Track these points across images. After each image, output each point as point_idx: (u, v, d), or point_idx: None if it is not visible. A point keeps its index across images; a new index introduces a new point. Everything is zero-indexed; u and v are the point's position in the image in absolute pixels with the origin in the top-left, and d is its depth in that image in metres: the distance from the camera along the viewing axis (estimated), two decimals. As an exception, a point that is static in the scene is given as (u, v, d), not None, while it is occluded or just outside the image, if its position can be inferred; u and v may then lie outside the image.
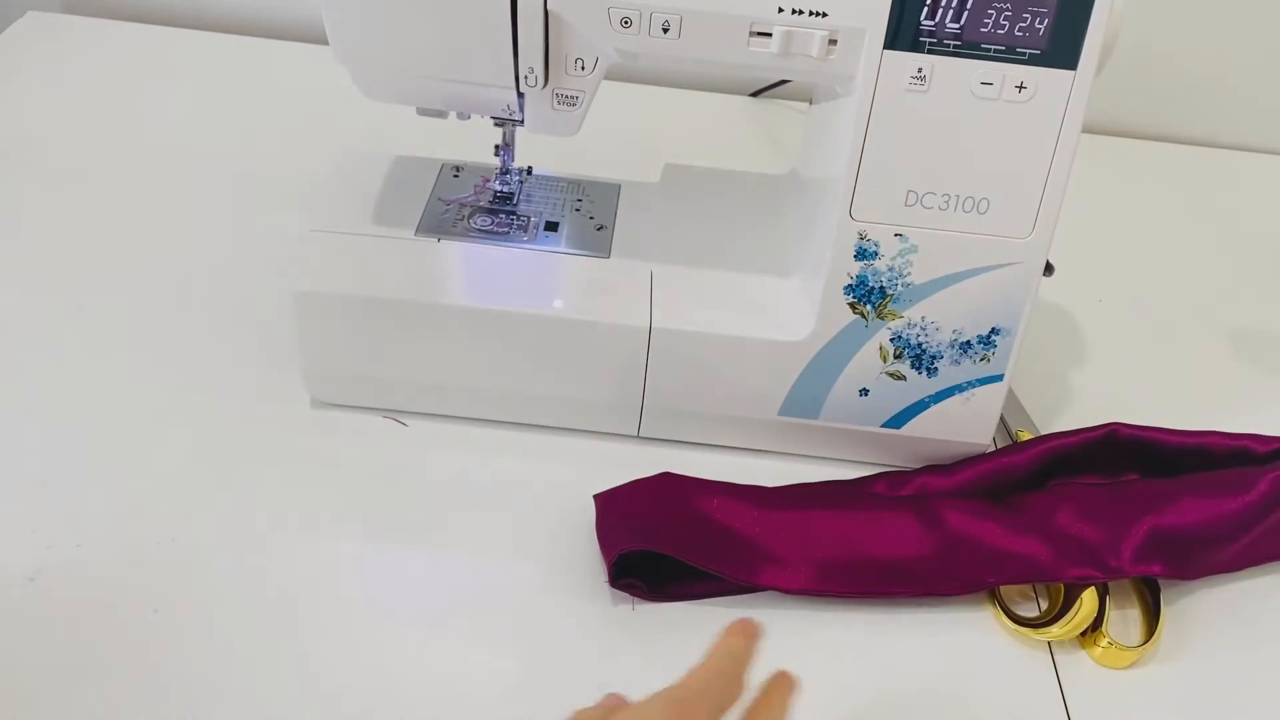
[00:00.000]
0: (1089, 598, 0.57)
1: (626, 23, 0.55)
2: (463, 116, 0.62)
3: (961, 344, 0.61)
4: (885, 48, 0.54)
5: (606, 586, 0.57)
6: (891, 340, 0.61)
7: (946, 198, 0.57)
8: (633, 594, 0.57)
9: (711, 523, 0.59)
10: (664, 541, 0.57)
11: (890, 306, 0.60)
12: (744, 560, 0.58)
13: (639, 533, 0.57)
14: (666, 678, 0.54)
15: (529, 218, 0.67)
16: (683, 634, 0.56)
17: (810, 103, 0.69)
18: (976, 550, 0.59)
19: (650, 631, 0.56)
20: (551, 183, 0.70)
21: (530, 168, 0.71)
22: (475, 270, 0.63)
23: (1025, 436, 0.67)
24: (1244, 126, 1.01)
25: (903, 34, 0.53)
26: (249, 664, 0.52)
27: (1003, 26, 0.53)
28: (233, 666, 0.52)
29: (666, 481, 0.61)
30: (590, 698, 0.53)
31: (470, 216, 0.66)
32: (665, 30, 0.55)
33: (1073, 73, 0.54)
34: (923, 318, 0.60)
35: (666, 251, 0.65)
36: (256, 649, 0.53)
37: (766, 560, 0.58)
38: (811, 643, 0.56)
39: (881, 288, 0.59)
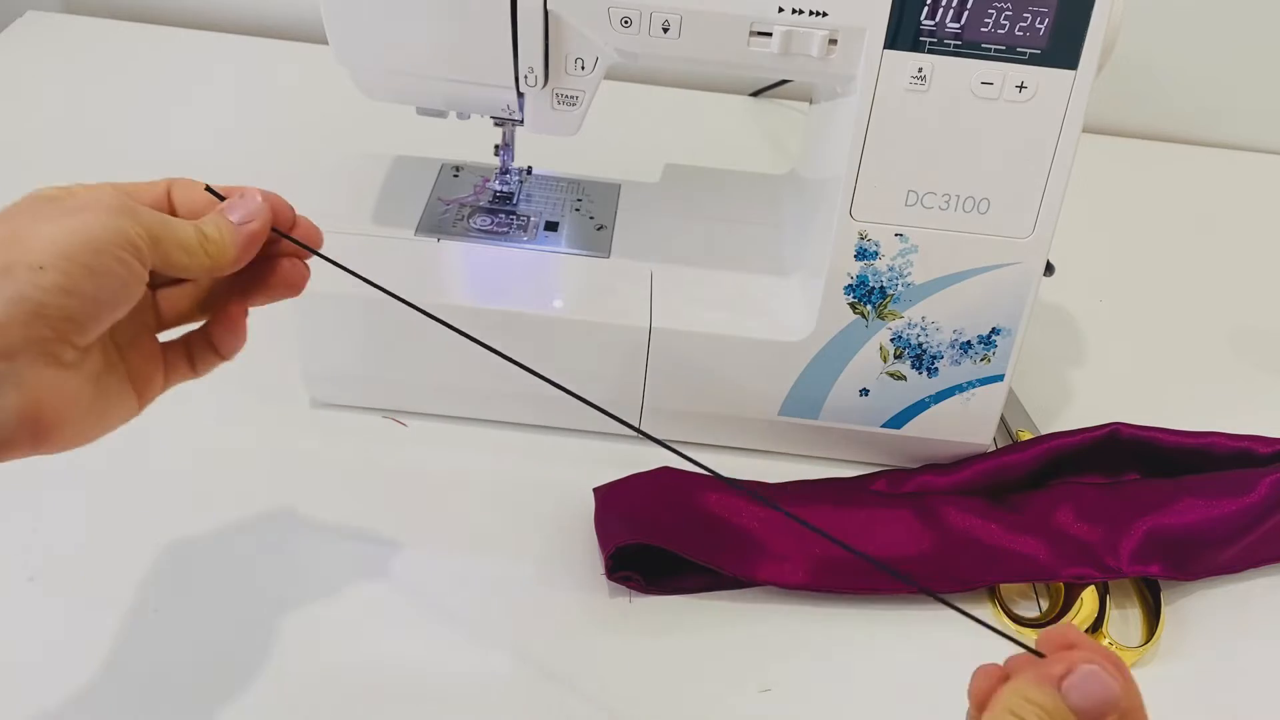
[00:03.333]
0: (1089, 598, 0.57)
1: (626, 23, 0.55)
2: (463, 116, 0.62)
3: (962, 344, 0.61)
4: (885, 48, 0.54)
5: (604, 580, 0.57)
6: (892, 340, 0.61)
7: (946, 198, 0.57)
8: (630, 587, 0.57)
9: (710, 517, 0.59)
10: (662, 535, 0.57)
11: (890, 306, 0.60)
12: (742, 554, 0.58)
13: (637, 526, 0.57)
14: (664, 671, 0.55)
15: (529, 218, 0.67)
16: (680, 627, 0.56)
17: (810, 103, 0.69)
18: (975, 548, 0.59)
19: (648, 625, 0.56)
20: (551, 183, 0.70)
21: (530, 168, 0.70)
22: (475, 270, 0.63)
23: (1025, 436, 0.66)
24: (1244, 126, 1.01)
25: (903, 34, 0.53)
26: (249, 663, 0.52)
27: (1003, 26, 0.53)
28: (232, 666, 0.52)
29: (665, 476, 0.61)
30: (589, 691, 0.53)
31: (470, 216, 0.66)
32: (665, 30, 0.55)
33: (1073, 73, 0.54)
34: (923, 318, 0.60)
35: (666, 251, 0.65)
36: (256, 648, 0.53)
37: (764, 555, 0.58)
38: (809, 639, 0.56)
39: (882, 288, 0.59)
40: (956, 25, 0.53)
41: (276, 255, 0.45)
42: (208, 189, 0.44)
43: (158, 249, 0.40)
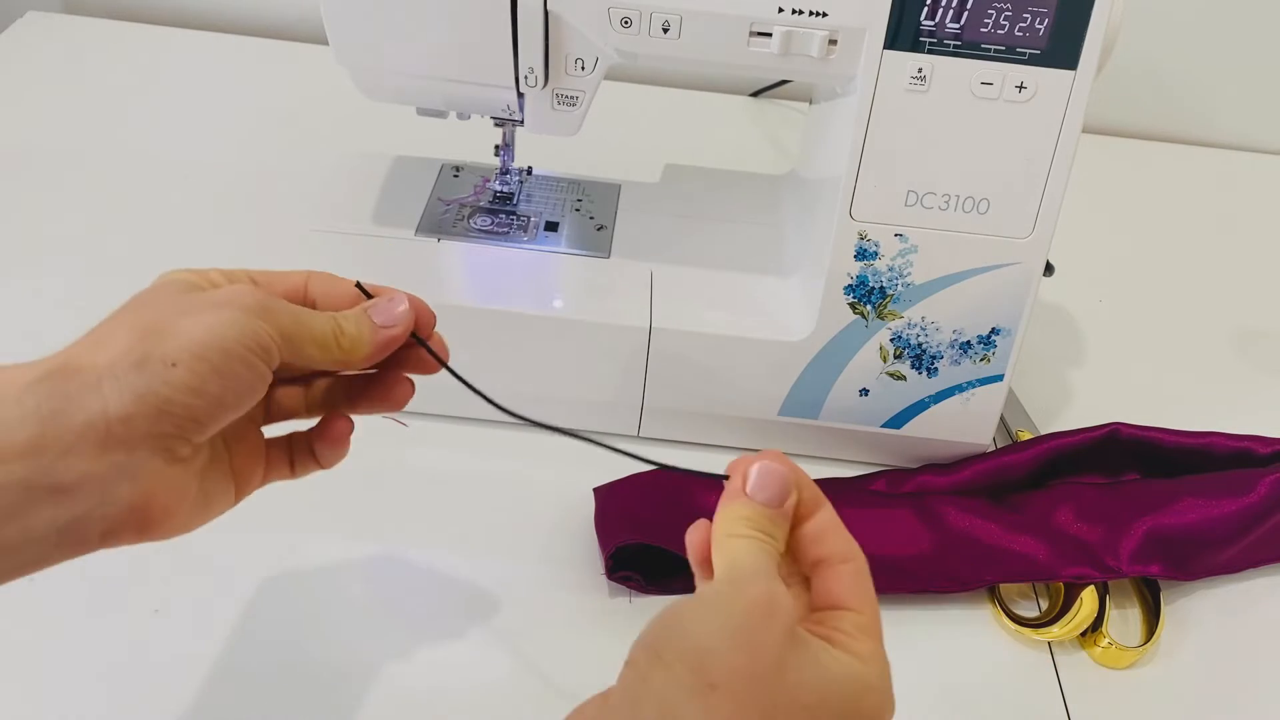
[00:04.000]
0: (1089, 598, 0.57)
1: (626, 23, 0.55)
2: (463, 116, 0.62)
3: (961, 344, 0.61)
4: (885, 48, 0.54)
5: (604, 580, 0.57)
6: (891, 340, 0.61)
7: (946, 198, 0.57)
8: (630, 587, 0.57)
9: (710, 516, 0.59)
10: (662, 534, 0.57)
11: (890, 306, 0.60)
12: (743, 559, 0.58)
13: (637, 525, 0.57)
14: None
15: (529, 218, 0.67)
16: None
17: (810, 103, 0.69)
18: (975, 548, 0.59)
19: (648, 627, 0.56)
20: (551, 183, 0.70)
21: (530, 168, 0.71)
22: (475, 270, 0.63)
23: (1025, 436, 0.66)
24: (1244, 126, 1.01)
25: (903, 34, 0.53)
26: (248, 663, 0.52)
27: (1003, 26, 0.53)
28: (232, 666, 0.52)
29: (665, 476, 0.61)
30: (589, 691, 0.53)
31: (470, 216, 0.66)
32: (665, 30, 0.55)
33: (1073, 73, 0.54)
34: (923, 318, 0.60)
35: (666, 251, 0.65)
36: (256, 648, 0.53)
37: (766, 559, 0.58)
38: (811, 643, 0.56)
39: (881, 288, 0.59)
40: (956, 25, 0.53)
41: (395, 365, 0.45)
42: (358, 285, 0.44)
43: (289, 345, 0.40)
